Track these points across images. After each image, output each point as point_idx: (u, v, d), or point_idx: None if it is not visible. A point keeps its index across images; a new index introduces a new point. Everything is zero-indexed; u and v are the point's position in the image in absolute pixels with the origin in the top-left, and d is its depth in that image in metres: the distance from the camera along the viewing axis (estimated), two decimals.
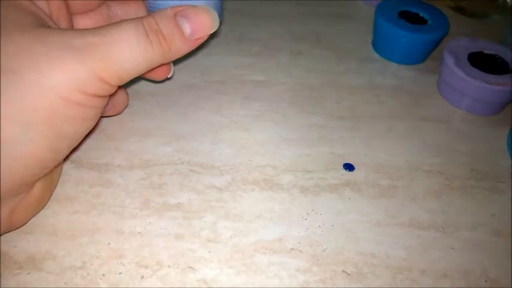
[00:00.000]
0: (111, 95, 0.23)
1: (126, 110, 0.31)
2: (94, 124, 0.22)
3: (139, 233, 0.24)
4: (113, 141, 0.29)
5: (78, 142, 0.23)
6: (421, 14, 0.37)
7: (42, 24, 0.21)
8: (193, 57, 0.36)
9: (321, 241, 0.25)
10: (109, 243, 0.23)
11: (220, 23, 0.24)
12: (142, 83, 0.33)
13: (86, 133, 0.22)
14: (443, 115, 0.33)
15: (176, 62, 0.35)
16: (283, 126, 0.31)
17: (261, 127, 0.31)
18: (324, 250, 0.24)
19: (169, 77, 0.28)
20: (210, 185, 0.27)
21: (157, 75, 0.27)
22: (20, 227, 0.24)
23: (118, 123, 0.30)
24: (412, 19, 0.37)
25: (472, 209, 0.27)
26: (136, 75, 0.22)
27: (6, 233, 0.23)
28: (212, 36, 0.24)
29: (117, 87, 0.22)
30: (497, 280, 0.24)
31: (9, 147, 0.19)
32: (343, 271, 0.23)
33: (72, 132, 0.21)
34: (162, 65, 0.23)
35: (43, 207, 0.25)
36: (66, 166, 0.27)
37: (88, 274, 0.22)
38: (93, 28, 0.21)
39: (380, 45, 0.38)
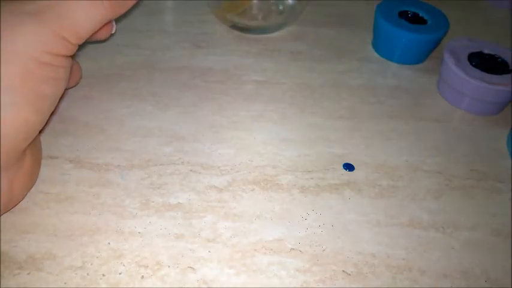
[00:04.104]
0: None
1: (126, 110, 0.31)
2: (66, 85, 0.24)
3: (139, 233, 0.24)
4: (113, 141, 0.29)
5: (56, 103, 0.24)
6: (421, 14, 0.37)
7: None
8: (193, 58, 0.36)
9: (321, 241, 0.25)
10: (109, 243, 0.23)
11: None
12: (142, 83, 0.33)
13: (61, 93, 0.24)
14: (443, 115, 0.33)
15: (177, 62, 0.35)
16: (283, 126, 0.31)
17: (261, 127, 0.31)
18: (324, 250, 0.24)
19: (113, 33, 0.29)
20: (210, 185, 0.27)
21: (102, 34, 0.28)
22: (20, 202, 0.24)
23: (118, 123, 0.30)
24: (412, 19, 0.37)
25: (472, 209, 0.27)
26: (92, 32, 0.24)
27: (8, 210, 0.24)
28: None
29: (77, 47, 0.24)
30: (497, 280, 0.24)
31: None
32: (343, 271, 0.23)
33: (50, 92, 0.23)
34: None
35: (35, 181, 0.26)
36: (66, 166, 0.27)
37: (88, 274, 0.22)
38: None
39: (380, 45, 0.38)
